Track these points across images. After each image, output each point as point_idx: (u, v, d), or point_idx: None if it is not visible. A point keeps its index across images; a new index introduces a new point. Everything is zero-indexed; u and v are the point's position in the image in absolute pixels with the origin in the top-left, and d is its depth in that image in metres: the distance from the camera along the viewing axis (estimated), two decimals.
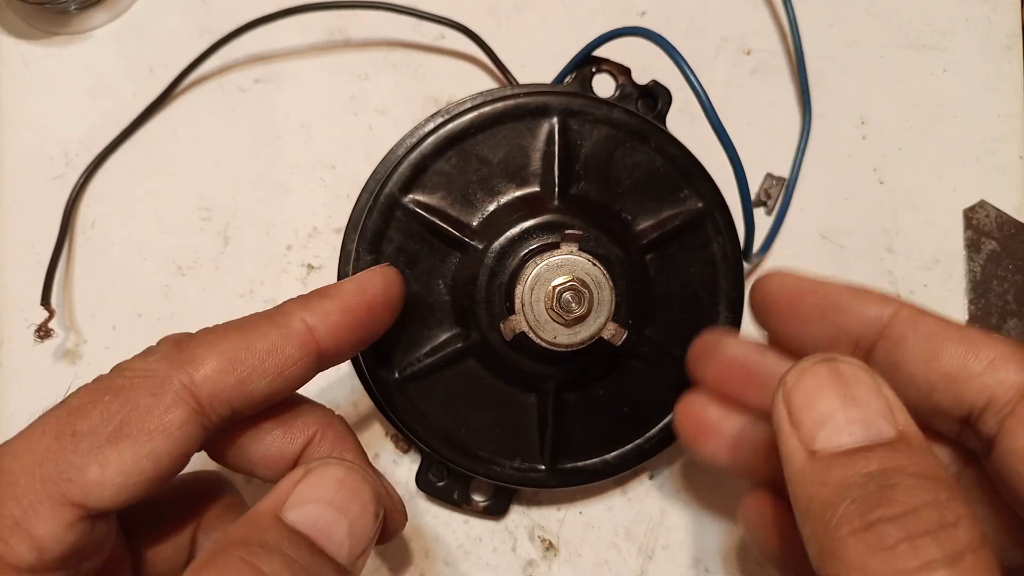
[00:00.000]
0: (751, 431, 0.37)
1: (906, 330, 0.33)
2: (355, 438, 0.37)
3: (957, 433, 0.33)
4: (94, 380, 0.31)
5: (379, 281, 0.36)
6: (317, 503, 0.29)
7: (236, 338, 0.32)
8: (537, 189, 0.42)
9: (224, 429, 0.34)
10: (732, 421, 0.38)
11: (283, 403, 0.35)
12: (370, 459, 0.47)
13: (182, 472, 0.33)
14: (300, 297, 0.34)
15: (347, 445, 0.36)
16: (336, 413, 0.37)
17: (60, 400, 0.31)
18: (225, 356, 0.32)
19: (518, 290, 0.37)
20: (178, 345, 0.32)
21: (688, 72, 0.38)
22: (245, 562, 0.27)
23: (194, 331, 0.33)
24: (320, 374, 0.47)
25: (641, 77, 0.44)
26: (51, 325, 0.47)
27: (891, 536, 0.26)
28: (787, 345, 0.37)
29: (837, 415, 0.28)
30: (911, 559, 0.25)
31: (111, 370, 0.32)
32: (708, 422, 0.39)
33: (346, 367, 0.47)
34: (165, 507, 0.37)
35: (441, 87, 0.51)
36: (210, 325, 0.33)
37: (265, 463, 0.35)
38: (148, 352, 0.32)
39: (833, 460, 0.28)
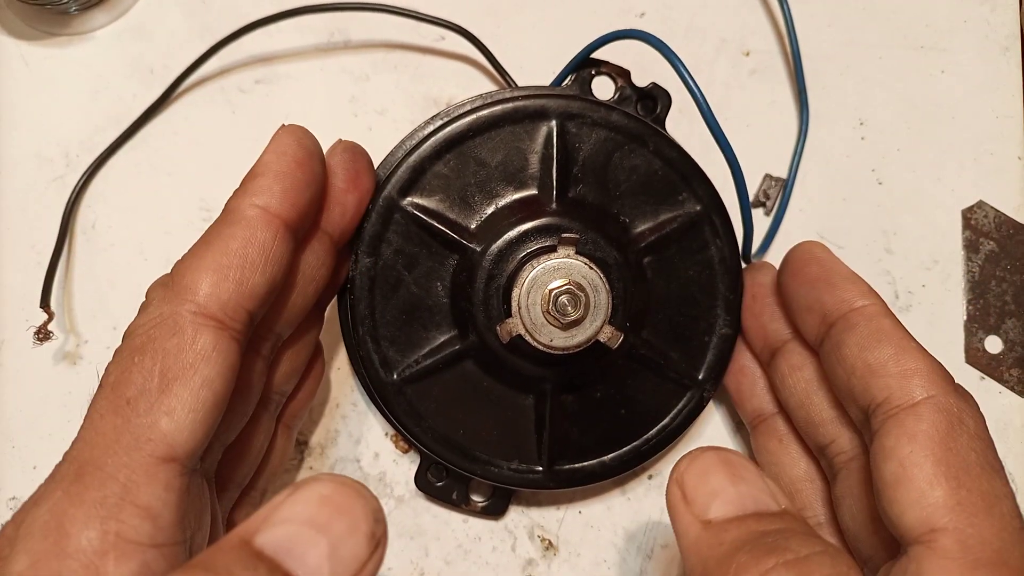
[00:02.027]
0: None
1: (861, 320, 0.37)
2: None
3: (860, 423, 0.37)
4: (114, 354, 0.32)
5: (290, 139, 0.36)
6: (290, 523, 0.26)
7: (211, 251, 0.33)
8: (535, 192, 0.42)
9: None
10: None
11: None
12: (370, 459, 0.47)
13: None
14: (237, 190, 0.35)
15: None
16: None
17: (96, 387, 0.31)
18: (212, 270, 0.32)
19: (515, 293, 0.37)
20: (166, 286, 0.33)
21: (686, 75, 0.39)
22: None
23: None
24: (320, 374, 0.47)
25: (640, 79, 0.44)
26: (51, 327, 0.47)
27: None
28: (785, 298, 0.42)
29: (728, 489, 0.31)
30: None
31: (123, 338, 0.32)
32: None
33: (346, 368, 0.48)
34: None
35: (441, 88, 0.51)
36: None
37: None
38: (145, 306, 0.33)
39: (728, 524, 0.30)
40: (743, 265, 0.44)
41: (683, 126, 0.46)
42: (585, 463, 0.44)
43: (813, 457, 0.43)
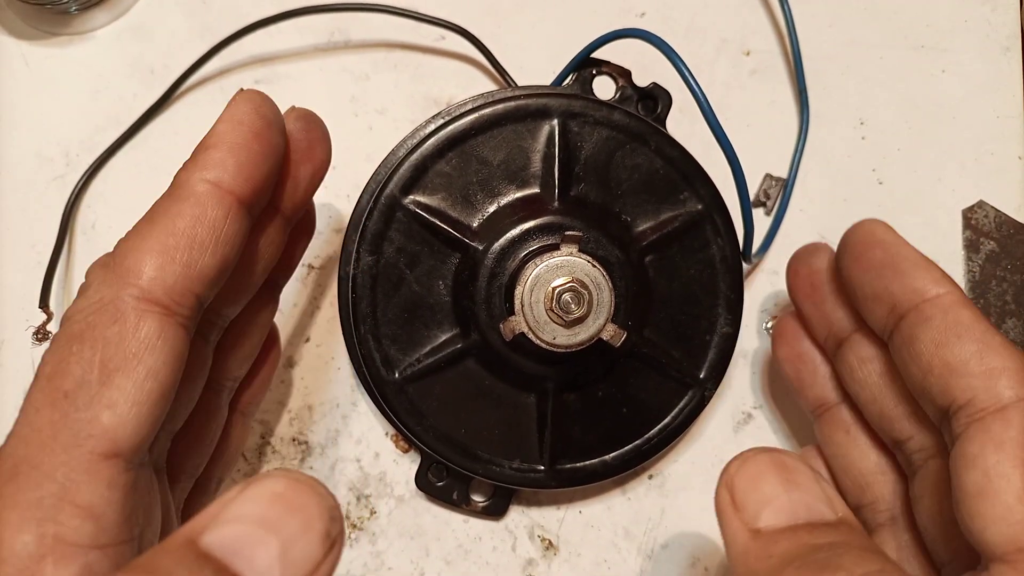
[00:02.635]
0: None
1: (936, 312, 0.34)
2: None
3: (939, 422, 0.34)
4: (52, 340, 0.30)
5: (248, 107, 0.33)
6: (239, 522, 0.24)
7: (156, 230, 0.30)
8: (537, 191, 0.42)
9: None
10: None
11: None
12: (371, 459, 0.47)
13: None
14: (187, 162, 0.32)
15: None
16: None
17: (33, 377, 0.29)
18: (156, 251, 0.30)
19: (518, 291, 0.37)
20: (107, 267, 0.30)
21: (687, 74, 0.39)
22: None
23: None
24: (320, 374, 0.47)
25: (641, 79, 0.44)
26: (50, 327, 0.47)
27: None
28: (847, 286, 0.38)
29: (781, 496, 0.29)
30: None
31: (61, 323, 0.30)
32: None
33: (347, 367, 0.48)
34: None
35: (441, 88, 0.51)
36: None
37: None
38: (84, 288, 0.30)
39: (778, 535, 0.28)
40: (744, 265, 0.44)
41: (684, 126, 0.46)
42: (587, 462, 0.44)
43: (884, 448, 0.40)
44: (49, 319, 0.46)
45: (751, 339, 0.49)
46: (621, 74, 0.44)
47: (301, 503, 0.25)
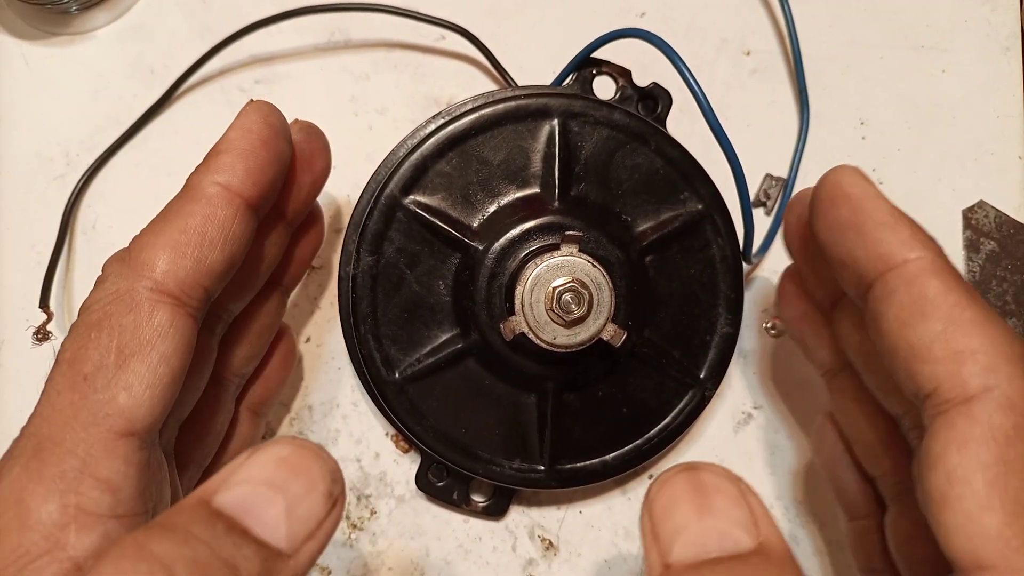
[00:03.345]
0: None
1: (900, 285, 0.30)
2: None
3: (919, 408, 0.31)
4: (71, 329, 0.32)
5: (257, 116, 0.35)
6: (248, 483, 0.26)
7: (169, 228, 0.33)
8: (537, 190, 0.42)
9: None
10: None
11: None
12: (371, 459, 0.47)
13: None
14: (199, 166, 0.35)
15: None
16: None
17: (53, 362, 0.32)
18: (170, 247, 0.32)
19: (518, 291, 0.37)
20: (123, 261, 0.32)
21: (687, 75, 0.38)
22: (137, 544, 0.24)
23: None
24: (320, 374, 0.47)
25: (641, 79, 0.44)
26: (50, 327, 0.47)
27: None
28: (819, 247, 0.34)
29: (691, 526, 0.27)
30: None
31: (79, 312, 0.32)
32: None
33: (347, 367, 0.48)
34: None
35: (441, 87, 0.51)
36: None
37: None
38: (101, 280, 0.33)
39: (687, 571, 0.26)
40: (744, 265, 0.44)
41: (684, 125, 0.46)
42: (587, 462, 0.44)
43: (892, 417, 0.37)
44: (49, 319, 0.46)
45: (751, 339, 0.49)
46: (621, 74, 0.44)
47: (305, 466, 0.27)
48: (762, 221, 0.50)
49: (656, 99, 0.44)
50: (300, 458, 0.27)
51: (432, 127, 0.42)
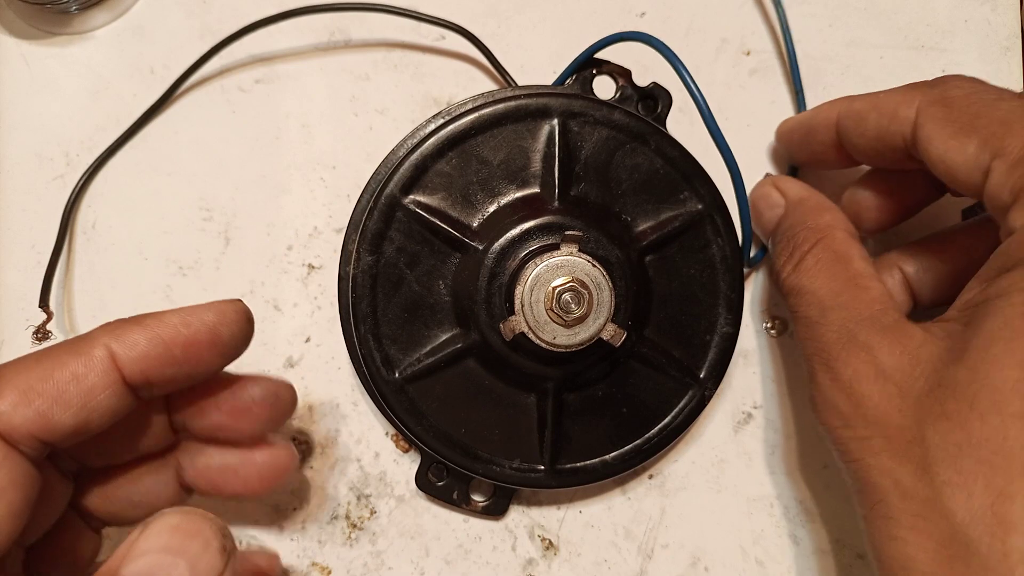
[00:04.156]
0: None
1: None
2: None
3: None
4: None
5: (210, 318, 0.34)
6: (150, 553, 0.28)
7: (35, 369, 0.31)
8: (537, 190, 0.42)
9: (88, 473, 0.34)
10: None
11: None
12: (371, 458, 0.47)
13: None
14: (114, 322, 0.34)
15: None
16: None
17: None
18: (20, 388, 0.31)
19: (518, 291, 0.37)
20: None
21: (687, 77, 0.39)
22: None
23: None
24: (320, 375, 0.47)
25: (641, 79, 0.44)
26: (50, 327, 0.47)
27: None
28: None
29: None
30: None
31: None
32: None
33: (347, 367, 0.48)
34: None
35: (441, 87, 0.51)
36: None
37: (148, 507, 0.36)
38: None
39: None
40: (744, 266, 0.44)
41: (684, 125, 0.46)
42: (587, 462, 0.44)
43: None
44: (49, 318, 0.46)
45: (751, 339, 0.49)
46: (621, 74, 0.44)
47: (196, 528, 0.29)
48: None
49: (656, 99, 0.44)
50: (191, 522, 0.29)
51: (432, 127, 0.42)
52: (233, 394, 0.37)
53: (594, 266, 0.37)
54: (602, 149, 0.42)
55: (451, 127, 0.41)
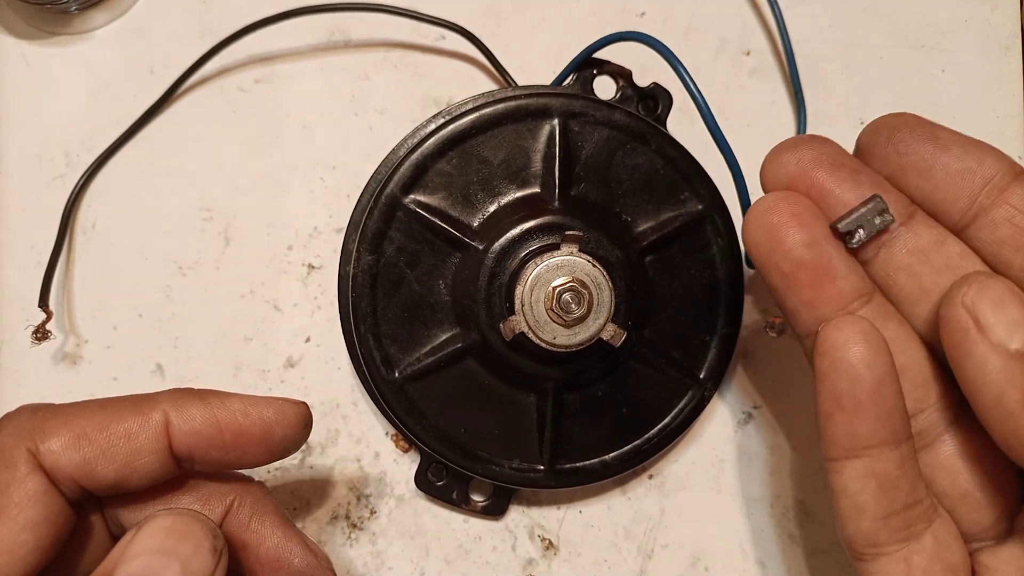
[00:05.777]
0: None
1: None
2: (274, 502, 0.36)
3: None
4: None
5: (269, 414, 0.34)
6: (143, 554, 0.29)
7: (96, 416, 0.32)
8: (538, 190, 0.42)
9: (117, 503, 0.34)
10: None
11: (185, 480, 0.35)
12: (371, 458, 0.47)
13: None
14: (181, 390, 0.34)
15: (266, 510, 0.36)
16: (255, 480, 0.37)
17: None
18: (75, 432, 0.31)
19: (518, 290, 0.37)
20: (34, 414, 0.32)
21: (686, 78, 0.39)
22: None
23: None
24: (320, 375, 0.47)
25: (642, 78, 0.44)
26: (50, 327, 0.47)
27: None
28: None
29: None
30: None
31: None
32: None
33: (347, 366, 0.48)
34: None
35: (441, 87, 0.51)
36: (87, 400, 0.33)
37: None
38: (2, 421, 0.32)
39: None
40: (744, 267, 0.44)
41: (684, 125, 0.46)
42: (586, 462, 0.44)
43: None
44: (49, 318, 0.46)
45: (751, 339, 0.49)
46: (621, 74, 0.44)
47: (188, 529, 0.30)
48: None
49: (656, 99, 0.44)
50: (183, 524, 0.30)
51: (432, 127, 0.42)
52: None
53: (594, 266, 0.37)
54: (602, 149, 0.42)
55: (451, 127, 0.41)
